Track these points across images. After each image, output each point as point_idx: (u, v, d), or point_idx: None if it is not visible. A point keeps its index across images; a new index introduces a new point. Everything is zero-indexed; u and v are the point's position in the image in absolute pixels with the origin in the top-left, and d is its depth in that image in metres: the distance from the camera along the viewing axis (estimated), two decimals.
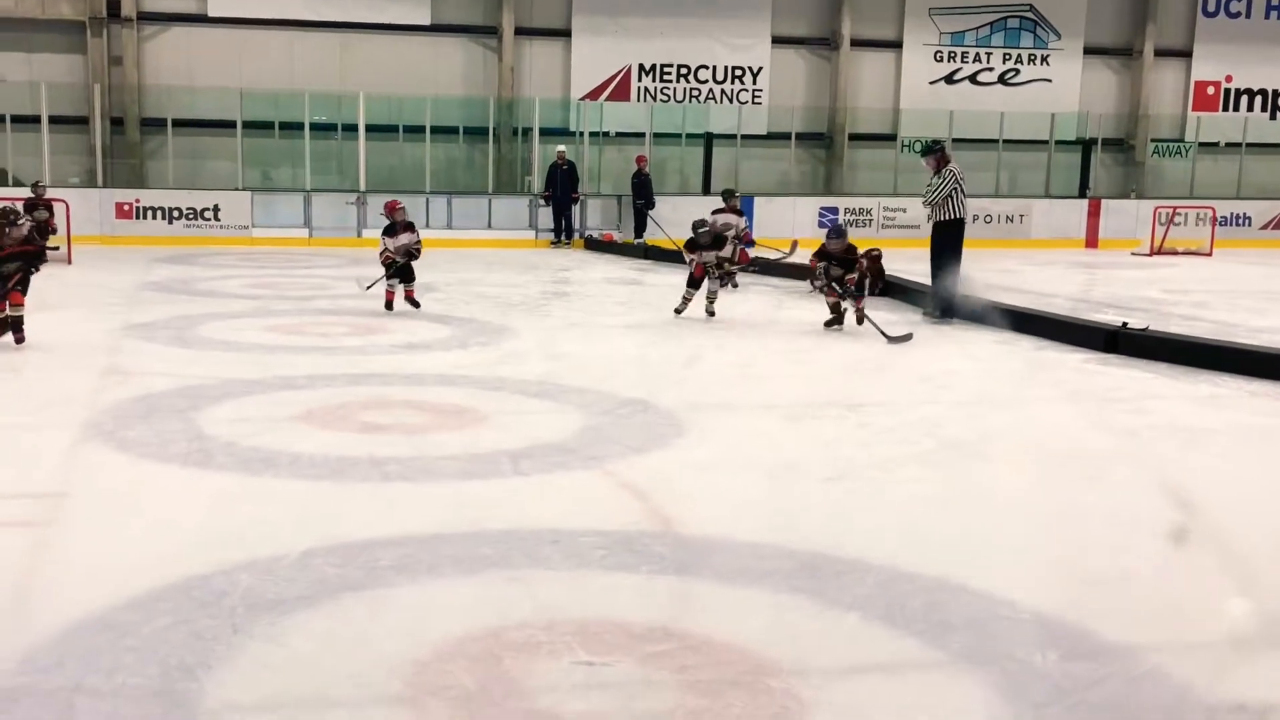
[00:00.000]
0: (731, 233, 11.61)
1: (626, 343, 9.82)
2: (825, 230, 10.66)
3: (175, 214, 18.96)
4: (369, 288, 11.18)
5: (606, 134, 22.35)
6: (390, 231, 11.00)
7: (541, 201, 20.18)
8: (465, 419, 6.74)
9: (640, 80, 23.26)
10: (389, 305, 10.94)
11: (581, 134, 21.96)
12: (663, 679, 3.44)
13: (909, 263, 12.85)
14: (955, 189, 10.97)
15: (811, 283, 10.19)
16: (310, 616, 3.85)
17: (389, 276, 10.87)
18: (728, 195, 13.93)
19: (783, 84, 23.78)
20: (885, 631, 3.86)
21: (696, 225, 11.18)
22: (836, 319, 10.05)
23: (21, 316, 8.55)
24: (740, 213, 13.56)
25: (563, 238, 19.94)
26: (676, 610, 4.05)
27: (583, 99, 22.72)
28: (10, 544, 4.50)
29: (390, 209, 11.10)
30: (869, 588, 4.22)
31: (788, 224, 19.94)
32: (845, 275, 9.75)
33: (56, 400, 6.99)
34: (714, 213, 12.84)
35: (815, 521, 5.01)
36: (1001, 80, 24.87)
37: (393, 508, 5.06)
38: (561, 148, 19.73)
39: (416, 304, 10.97)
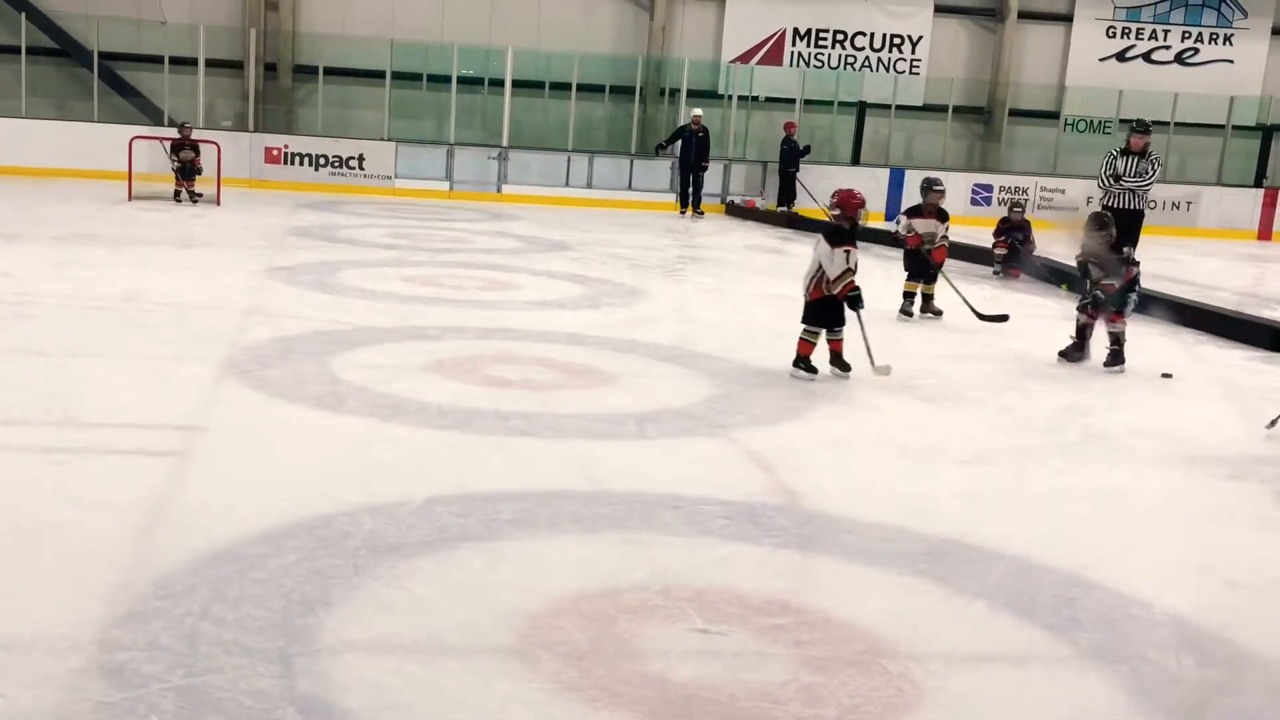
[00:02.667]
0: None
1: (763, 311, 9.76)
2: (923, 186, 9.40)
3: (321, 161, 19.52)
4: None
5: (755, 98, 22.17)
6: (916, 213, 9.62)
7: (667, 155, 19.52)
8: (593, 379, 6.81)
9: (794, 45, 22.96)
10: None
11: (730, 97, 21.82)
12: (777, 652, 3.44)
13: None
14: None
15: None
16: (429, 563, 3.96)
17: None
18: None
19: (943, 54, 23.21)
20: (1012, 622, 3.78)
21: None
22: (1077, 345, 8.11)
23: None
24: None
25: (689, 206, 18.93)
26: (796, 585, 4.03)
27: (733, 62, 22.56)
28: (151, 472, 4.73)
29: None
30: (998, 577, 4.13)
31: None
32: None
33: (200, 337, 7.29)
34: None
35: (948, 506, 4.93)
36: (1178, 59, 23.82)
37: (516, 462, 5.15)
38: (698, 111, 18.93)
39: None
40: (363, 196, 18.64)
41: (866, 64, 23.11)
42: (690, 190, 18.94)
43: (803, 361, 7.04)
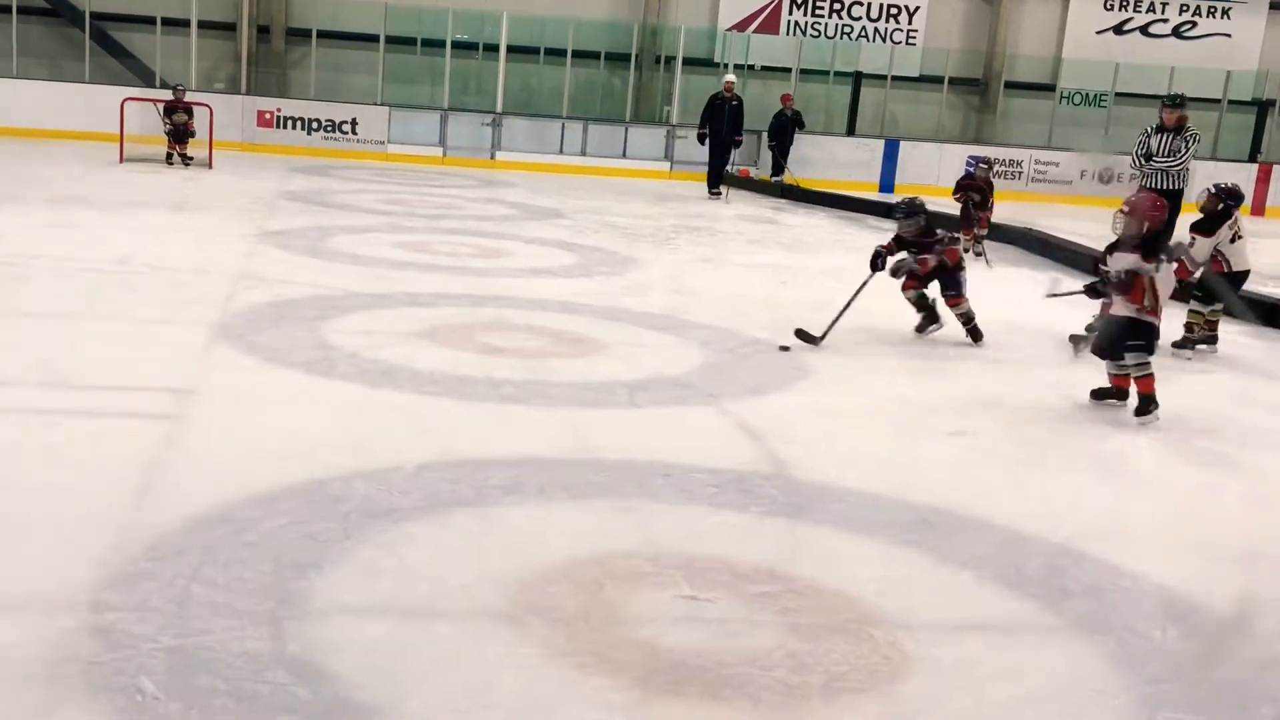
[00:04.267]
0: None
1: (755, 281, 9.76)
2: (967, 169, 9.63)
3: (314, 125, 19.41)
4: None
5: (751, 67, 22.06)
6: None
7: (698, 140, 17.47)
8: (584, 347, 6.80)
9: (791, 13, 22.85)
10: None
11: (726, 65, 21.72)
12: (765, 620, 3.46)
13: (1060, 219, 12.45)
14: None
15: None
16: (421, 528, 3.97)
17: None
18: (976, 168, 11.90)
19: (940, 25, 23.10)
20: (1000, 592, 3.80)
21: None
22: (927, 318, 7.82)
23: None
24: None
25: (720, 187, 17.02)
26: (784, 553, 4.05)
27: (730, 29, 22.44)
28: (143, 435, 4.72)
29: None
30: (987, 547, 4.16)
31: (933, 171, 19.50)
32: (919, 257, 7.45)
33: (192, 300, 7.27)
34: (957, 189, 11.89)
35: (936, 477, 4.95)
36: (1175, 33, 23.74)
37: (507, 429, 5.15)
38: (730, 77, 17.37)
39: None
40: (356, 161, 18.55)
41: (863, 34, 23.01)
42: (714, 168, 17.10)
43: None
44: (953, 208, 11.75)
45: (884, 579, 3.84)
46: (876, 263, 7.37)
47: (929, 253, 7.46)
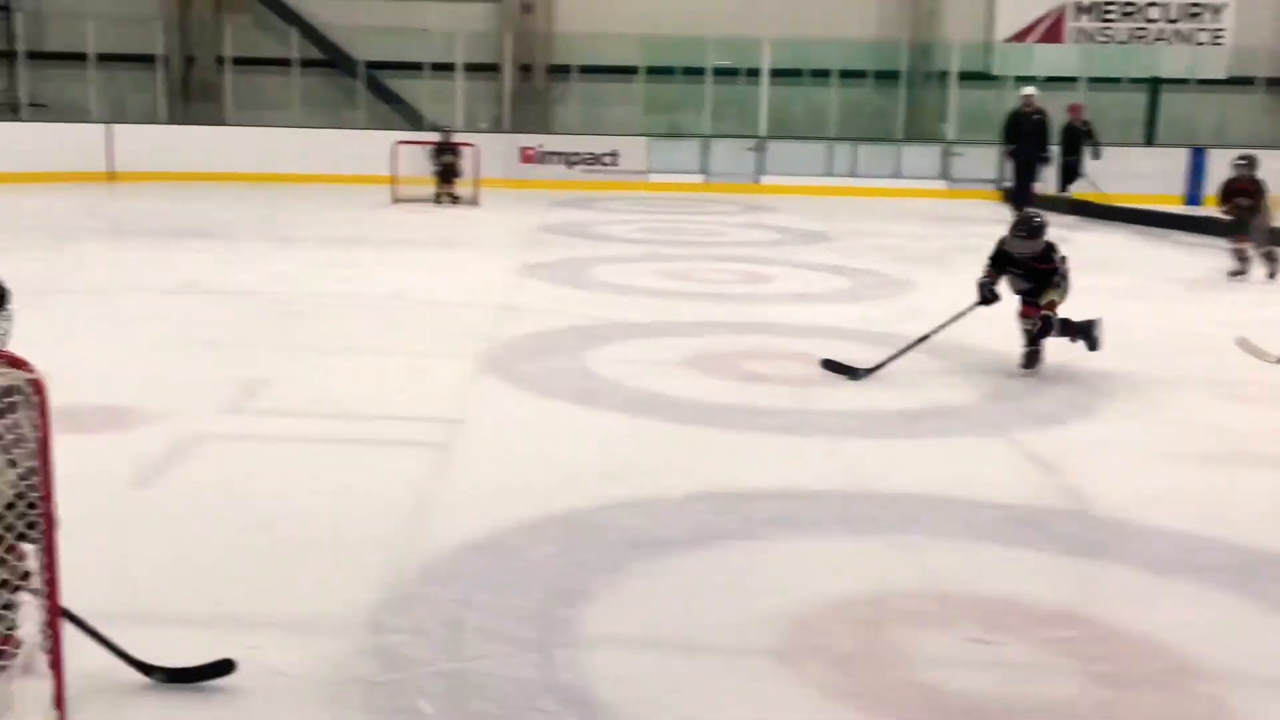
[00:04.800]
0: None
1: None
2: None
3: (575, 159, 20.10)
4: None
5: (1031, 79, 21.33)
6: None
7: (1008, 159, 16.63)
8: None
9: (1076, 20, 21.97)
10: None
11: (1003, 79, 21.09)
12: (1063, 666, 3.28)
13: None
14: None
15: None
16: (688, 561, 4.00)
17: None
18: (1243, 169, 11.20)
19: (1250, 21, 21.66)
20: None
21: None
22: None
23: None
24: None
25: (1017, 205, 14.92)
26: (1084, 595, 3.85)
27: (1007, 41, 21.80)
28: (415, 463, 4.99)
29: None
30: None
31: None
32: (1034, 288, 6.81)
33: (459, 333, 7.64)
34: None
35: (1255, 516, 4.58)
36: None
37: (775, 460, 5.13)
38: (1030, 90, 16.45)
39: None
40: (616, 192, 19.07)
41: (1161, 37, 21.85)
42: (1021, 187, 16.12)
43: None
44: None
45: (1200, 626, 3.58)
46: (986, 294, 6.77)
47: (1045, 282, 6.72)
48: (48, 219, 13.58)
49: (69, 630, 2.72)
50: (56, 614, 2.64)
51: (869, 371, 6.53)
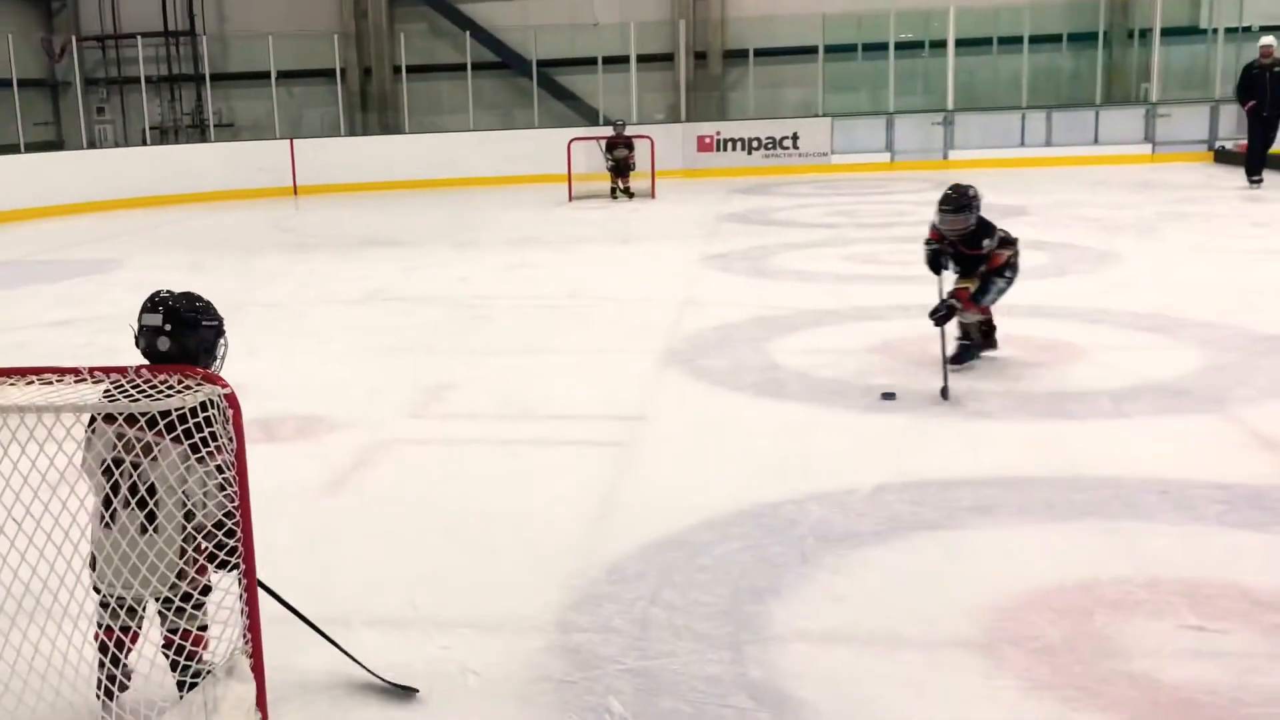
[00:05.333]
0: None
1: (1266, 270, 8.93)
2: None
3: (754, 144, 20.09)
4: None
5: (1246, 29, 20.28)
6: None
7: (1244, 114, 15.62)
8: (1059, 353, 6.53)
9: None
10: None
11: (1214, 31, 20.12)
12: None
13: None
14: None
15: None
16: (881, 553, 3.98)
17: None
18: None
19: None
20: None
21: None
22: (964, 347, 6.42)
23: None
24: None
25: (1261, 174, 15.05)
26: None
27: None
28: (598, 461, 5.09)
29: None
30: None
31: None
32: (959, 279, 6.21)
33: (640, 329, 7.74)
34: None
35: None
36: None
37: (974, 446, 5.04)
38: (1268, 40, 15.09)
39: None
40: (798, 176, 18.97)
41: None
42: (1260, 147, 15.12)
43: None
44: None
45: None
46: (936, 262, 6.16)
47: (970, 270, 6.11)
48: (237, 235, 14.31)
49: (267, 634, 2.90)
50: (256, 619, 2.84)
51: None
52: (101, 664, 2.85)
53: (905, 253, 10.41)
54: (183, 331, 2.94)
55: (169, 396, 2.54)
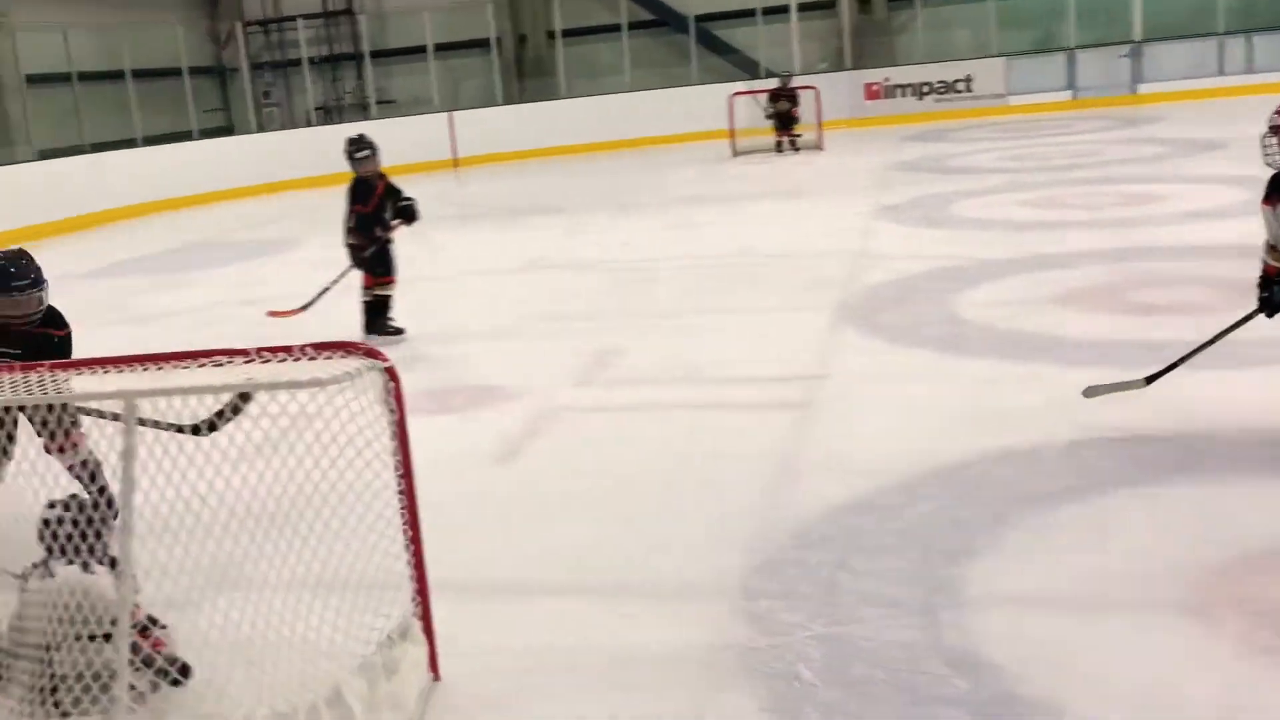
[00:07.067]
0: None
1: None
2: None
3: (925, 89, 19.63)
4: None
5: None
6: None
7: None
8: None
9: None
10: None
11: None
12: None
13: None
14: None
15: None
16: (1077, 511, 3.87)
17: None
18: None
19: None
20: None
21: None
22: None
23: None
24: None
25: None
26: None
27: None
28: (775, 423, 5.07)
29: None
30: None
31: None
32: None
33: (813, 285, 7.66)
34: None
35: None
36: None
37: (1176, 398, 4.83)
38: None
39: None
40: (972, 120, 18.47)
41: None
42: None
43: None
44: None
45: None
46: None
47: None
48: None
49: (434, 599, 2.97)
50: (424, 585, 2.98)
51: (1151, 380, 4.88)
52: None
53: (1091, 195, 10.07)
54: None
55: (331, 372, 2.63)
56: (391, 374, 2.79)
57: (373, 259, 7.05)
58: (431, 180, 18.04)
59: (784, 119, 16.46)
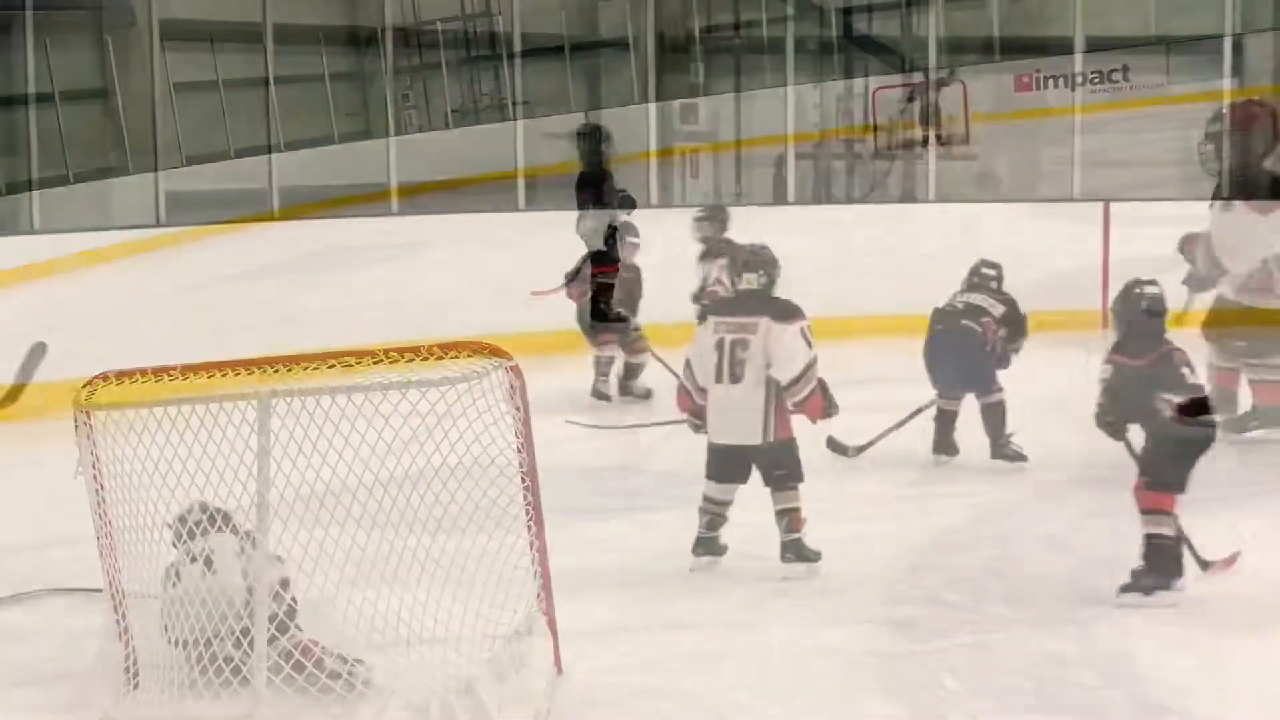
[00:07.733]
0: None
1: None
2: None
3: (1078, 79, 19.14)
4: None
5: None
6: None
7: None
8: None
9: None
10: None
11: None
12: None
13: None
14: None
15: None
16: (1237, 517, 3.69)
17: None
18: None
19: None
20: None
21: None
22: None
23: None
24: None
25: None
26: None
27: None
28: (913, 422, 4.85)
29: None
30: None
31: None
32: None
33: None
34: None
35: None
36: None
37: None
38: None
39: None
40: (1130, 112, 17.91)
41: None
42: None
43: None
44: None
45: None
46: None
47: None
48: (539, 213, 14.73)
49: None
50: (548, 581, 2.99)
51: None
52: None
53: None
54: None
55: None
56: (516, 371, 2.79)
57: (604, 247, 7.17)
58: (569, 181, 18.19)
59: (930, 114, 16.17)
